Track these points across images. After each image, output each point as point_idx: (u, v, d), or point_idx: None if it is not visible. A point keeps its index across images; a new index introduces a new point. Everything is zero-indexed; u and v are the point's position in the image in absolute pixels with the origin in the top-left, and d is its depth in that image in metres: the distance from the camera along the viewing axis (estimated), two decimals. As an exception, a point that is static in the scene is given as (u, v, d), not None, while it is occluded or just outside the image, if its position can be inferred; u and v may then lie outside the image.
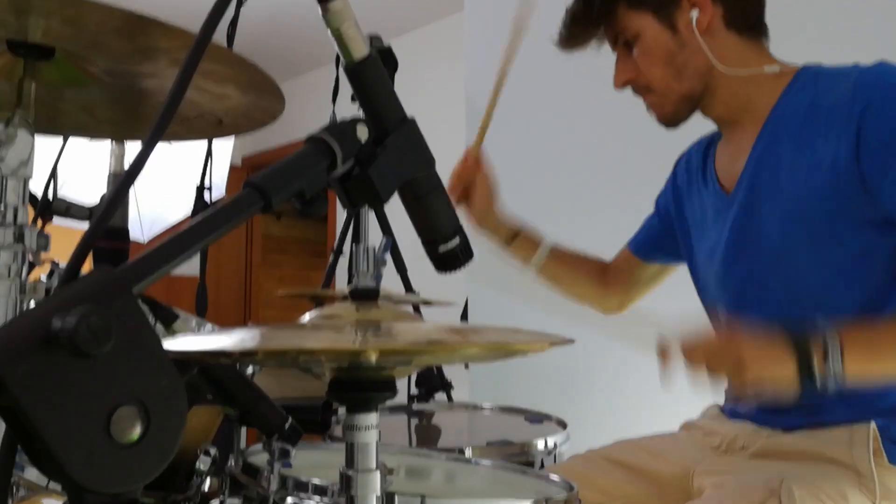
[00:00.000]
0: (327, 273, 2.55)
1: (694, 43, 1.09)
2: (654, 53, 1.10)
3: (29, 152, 0.83)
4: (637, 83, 1.14)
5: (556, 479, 0.95)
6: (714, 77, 1.10)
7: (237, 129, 1.06)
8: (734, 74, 1.09)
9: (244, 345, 0.60)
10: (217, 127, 1.03)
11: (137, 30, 0.78)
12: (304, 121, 2.61)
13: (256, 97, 0.95)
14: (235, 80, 0.90)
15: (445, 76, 3.94)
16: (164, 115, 0.51)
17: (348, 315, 0.64)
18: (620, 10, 1.11)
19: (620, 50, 1.15)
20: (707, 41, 1.08)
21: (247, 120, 1.02)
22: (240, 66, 0.86)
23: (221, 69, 0.86)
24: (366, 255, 0.66)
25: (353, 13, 0.63)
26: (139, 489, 0.43)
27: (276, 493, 0.83)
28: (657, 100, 1.14)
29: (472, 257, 0.73)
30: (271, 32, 4.30)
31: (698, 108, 1.15)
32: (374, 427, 0.61)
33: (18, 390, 0.39)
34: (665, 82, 1.11)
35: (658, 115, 1.16)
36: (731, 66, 1.09)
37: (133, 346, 0.43)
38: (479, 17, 2.78)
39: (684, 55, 1.10)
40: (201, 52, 0.53)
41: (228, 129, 1.07)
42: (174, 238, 0.49)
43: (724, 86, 1.11)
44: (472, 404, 1.72)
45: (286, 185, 0.55)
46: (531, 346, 0.62)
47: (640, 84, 1.14)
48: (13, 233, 0.82)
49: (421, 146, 0.67)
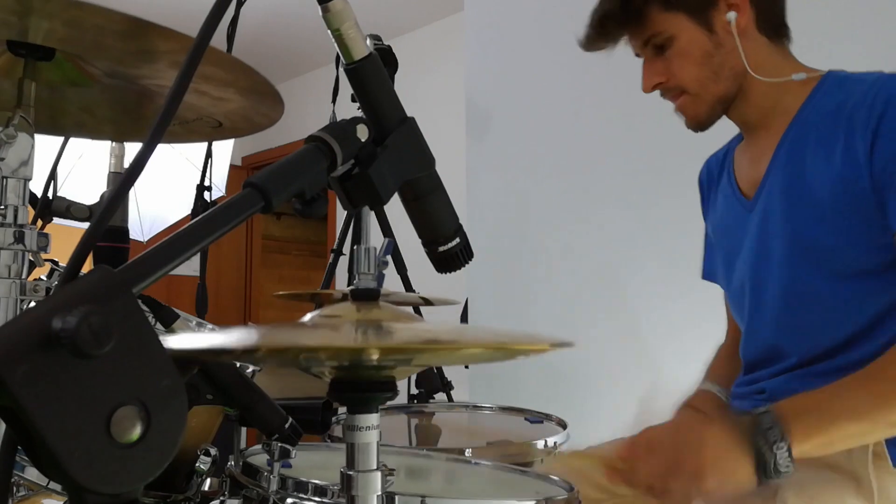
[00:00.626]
0: (327, 273, 2.56)
1: (730, 44, 1.08)
2: (691, 55, 1.09)
3: (29, 153, 0.83)
4: (667, 86, 1.13)
5: (556, 479, 0.95)
6: (747, 80, 1.10)
7: (236, 132, 1.06)
8: (766, 80, 1.08)
9: (245, 342, 0.60)
10: (216, 130, 1.03)
11: (138, 33, 0.78)
12: (304, 121, 2.61)
13: (256, 101, 0.95)
14: (235, 85, 0.90)
15: (445, 76, 3.94)
16: (164, 115, 0.51)
17: (349, 315, 0.64)
18: (654, 11, 1.10)
19: (649, 52, 1.13)
20: (742, 43, 1.08)
21: (246, 123, 1.02)
22: (240, 70, 0.86)
23: (221, 73, 0.87)
24: (366, 256, 0.66)
25: (353, 13, 0.63)
26: (139, 489, 0.43)
27: (276, 494, 0.84)
28: (691, 101, 1.12)
29: (472, 257, 0.73)
30: (271, 32, 4.30)
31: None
32: (375, 427, 0.61)
33: (19, 390, 0.39)
34: (701, 84, 1.10)
35: (690, 116, 1.14)
36: (763, 69, 1.09)
37: (133, 346, 0.43)
38: (479, 17, 2.78)
39: (721, 56, 1.09)
40: (201, 53, 0.53)
41: (227, 133, 1.07)
42: (174, 238, 0.49)
43: (757, 88, 1.11)
44: (472, 404, 1.72)
45: (286, 185, 0.55)
46: (531, 348, 0.62)
47: (670, 87, 1.13)
48: (13, 233, 0.82)
49: (421, 146, 0.67)
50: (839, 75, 1.09)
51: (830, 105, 1.05)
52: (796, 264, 1.07)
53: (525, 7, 2.64)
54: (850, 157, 0.99)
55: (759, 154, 1.14)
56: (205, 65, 0.53)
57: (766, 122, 1.13)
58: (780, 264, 1.09)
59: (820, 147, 1.04)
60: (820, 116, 1.06)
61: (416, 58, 3.94)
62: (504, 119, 2.62)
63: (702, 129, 1.15)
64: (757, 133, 1.16)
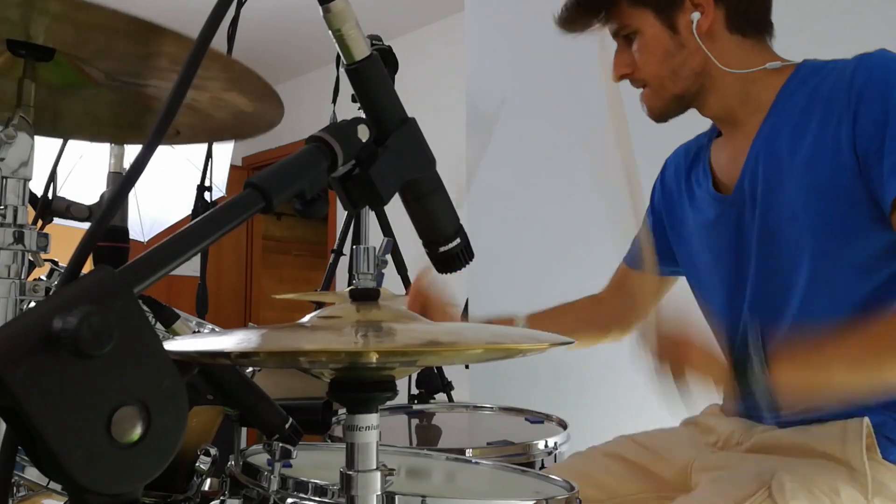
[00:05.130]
0: (327, 274, 2.55)
1: (693, 44, 1.09)
2: (652, 51, 1.10)
3: (29, 153, 0.83)
4: (633, 77, 1.14)
5: (556, 479, 0.95)
6: (711, 77, 1.10)
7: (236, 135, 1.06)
8: (734, 73, 1.09)
9: (244, 346, 0.60)
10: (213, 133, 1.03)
11: (139, 33, 0.78)
12: (304, 121, 2.61)
13: (256, 104, 0.95)
14: (235, 87, 0.90)
15: (445, 76, 3.94)
16: (165, 117, 0.51)
17: (349, 316, 0.64)
18: (623, 3, 1.11)
19: (620, 42, 1.15)
20: (707, 44, 1.08)
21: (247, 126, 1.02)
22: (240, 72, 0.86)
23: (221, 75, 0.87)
24: (366, 256, 0.66)
25: (354, 14, 0.63)
26: (140, 489, 0.43)
27: (276, 494, 0.84)
28: (650, 95, 1.14)
29: (473, 258, 0.73)
30: (272, 33, 4.30)
31: (693, 106, 1.15)
32: (375, 427, 0.61)
33: (19, 390, 0.39)
34: (659, 81, 1.12)
35: (649, 107, 1.16)
36: (731, 66, 1.09)
37: (134, 346, 0.43)
38: (480, 17, 2.78)
39: (682, 56, 1.10)
40: (202, 54, 0.53)
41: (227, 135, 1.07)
42: (175, 238, 0.49)
43: (722, 85, 1.11)
44: (473, 404, 1.72)
45: (287, 185, 0.55)
46: (531, 347, 0.62)
47: (635, 79, 1.14)
48: (13, 233, 0.82)
49: (422, 146, 0.67)
50: (814, 63, 1.09)
51: (806, 92, 1.05)
52: (776, 258, 1.07)
53: (525, 7, 2.63)
54: (831, 140, 0.99)
55: (736, 149, 1.14)
56: (205, 66, 0.53)
57: (741, 117, 1.13)
58: (758, 258, 1.09)
59: (797, 133, 1.04)
60: (795, 105, 1.06)
61: (417, 58, 3.94)
62: (505, 119, 2.61)
63: (661, 121, 1.16)
64: (733, 128, 1.16)
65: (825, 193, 1.00)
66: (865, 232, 0.99)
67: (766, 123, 1.09)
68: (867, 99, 0.96)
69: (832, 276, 1.02)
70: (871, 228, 0.98)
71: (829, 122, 1.00)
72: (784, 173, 1.05)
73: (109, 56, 0.85)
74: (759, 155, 1.09)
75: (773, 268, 1.08)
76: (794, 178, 1.03)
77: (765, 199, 1.07)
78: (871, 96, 0.96)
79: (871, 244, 0.99)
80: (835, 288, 1.02)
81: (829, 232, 1.01)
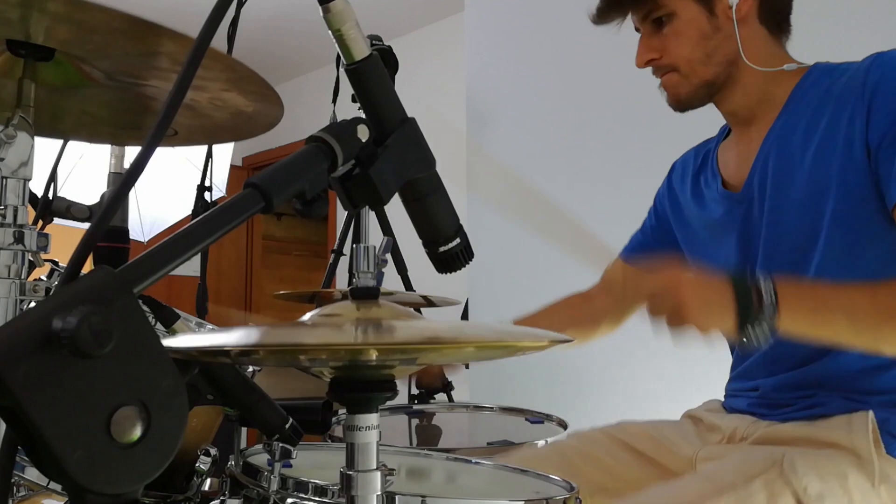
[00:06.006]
0: (327, 273, 2.56)
1: (728, 29, 1.09)
2: (687, 34, 1.10)
3: (29, 153, 0.83)
4: (660, 63, 1.13)
5: (556, 478, 0.95)
6: (739, 68, 1.11)
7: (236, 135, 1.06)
8: (758, 70, 1.10)
9: (244, 341, 0.60)
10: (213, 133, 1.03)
11: (139, 33, 0.78)
12: (304, 121, 2.61)
13: (255, 104, 0.95)
14: (235, 87, 0.90)
15: (445, 76, 3.94)
16: (165, 117, 0.51)
17: (349, 314, 0.64)
18: None
19: (647, 27, 1.14)
20: (741, 30, 1.09)
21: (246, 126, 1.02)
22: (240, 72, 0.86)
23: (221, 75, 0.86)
24: (366, 255, 0.66)
25: (354, 14, 0.63)
26: (140, 489, 0.43)
27: (276, 494, 0.83)
28: (678, 80, 1.13)
29: (473, 258, 0.73)
30: (271, 33, 4.30)
31: (714, 98, 1.15)
32: (375, 427, 0.61)
33: (19, 390, 0.39)
34: (691, 65, 1.11)
35: (672, 95, 1.15)
36: (757, 59, 1.10)
37: (134, 346, 0.43)
38: (479, 17, 2.78)
39: (717, 40, 1.10)
40: (202, 54, 0.53)
41: (227, 135, 1.07)
42: (175, 238, 0.49)
43: (746, 79, 1.12)
44: (473, 404, 1.72)
45: (287, 185, 0.55)
46: (531, 345, 0.62)
47: (662, 64, 1.13)
48: (13, 233, 0.82)
49: (421, 146, 0.67)
50: (826, 66, 1.10)
51: (818, 92, 1.06)
52: (783, 254, 1.07)
53: (525, 7, 2.64)
54: (843, 135, 1.00)
55: (747, 147, 1.14)
56: (205, 66, 0.53)
57: (756, 114, 1.14)
58: (765, 253, 1.10)
59: (808, 132, 1.05)
60: (808, 104, 1.07)
61: (417, 58, 3.94)
62: (504, 119, 2.62)
63: (681, 110, 1.15)
64: (745, 126, 1.16)
65: (834, 189, 1.01)
66: (874, 229, 1.00)
67: (778, 121, 1.10)
68: (882, 92, 0.97)
69: (840, 271, 1.02)
70: (879, 226, 0.99)
71: (842, 118, 1.01)
72: (795, 169, 1.06)
73: (109, 56, 0.85)
74: (771, 152, 1.10)
75: (779, 264, 1.08)
76: (803, 174, 1.04)
77: (774, 194, 1.08)
78: (885, 90, 0.97)
79: (879, 242, 1.00)
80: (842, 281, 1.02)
81: (836, 228, 1.01)
